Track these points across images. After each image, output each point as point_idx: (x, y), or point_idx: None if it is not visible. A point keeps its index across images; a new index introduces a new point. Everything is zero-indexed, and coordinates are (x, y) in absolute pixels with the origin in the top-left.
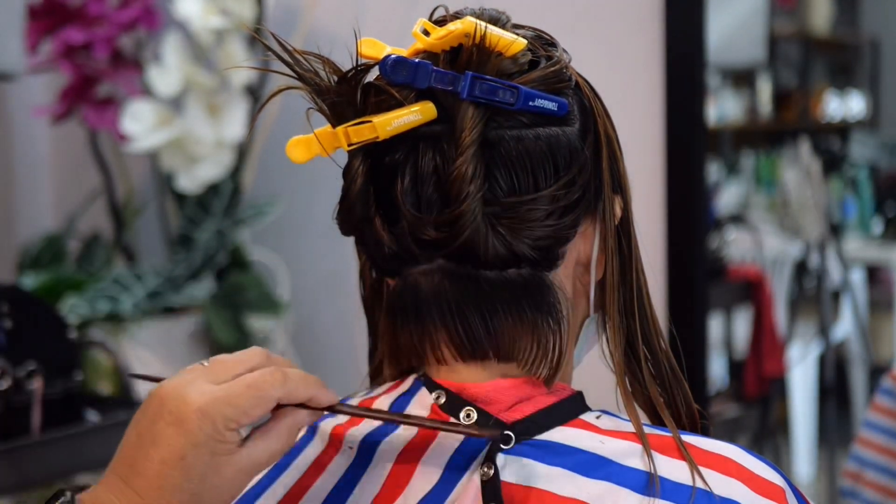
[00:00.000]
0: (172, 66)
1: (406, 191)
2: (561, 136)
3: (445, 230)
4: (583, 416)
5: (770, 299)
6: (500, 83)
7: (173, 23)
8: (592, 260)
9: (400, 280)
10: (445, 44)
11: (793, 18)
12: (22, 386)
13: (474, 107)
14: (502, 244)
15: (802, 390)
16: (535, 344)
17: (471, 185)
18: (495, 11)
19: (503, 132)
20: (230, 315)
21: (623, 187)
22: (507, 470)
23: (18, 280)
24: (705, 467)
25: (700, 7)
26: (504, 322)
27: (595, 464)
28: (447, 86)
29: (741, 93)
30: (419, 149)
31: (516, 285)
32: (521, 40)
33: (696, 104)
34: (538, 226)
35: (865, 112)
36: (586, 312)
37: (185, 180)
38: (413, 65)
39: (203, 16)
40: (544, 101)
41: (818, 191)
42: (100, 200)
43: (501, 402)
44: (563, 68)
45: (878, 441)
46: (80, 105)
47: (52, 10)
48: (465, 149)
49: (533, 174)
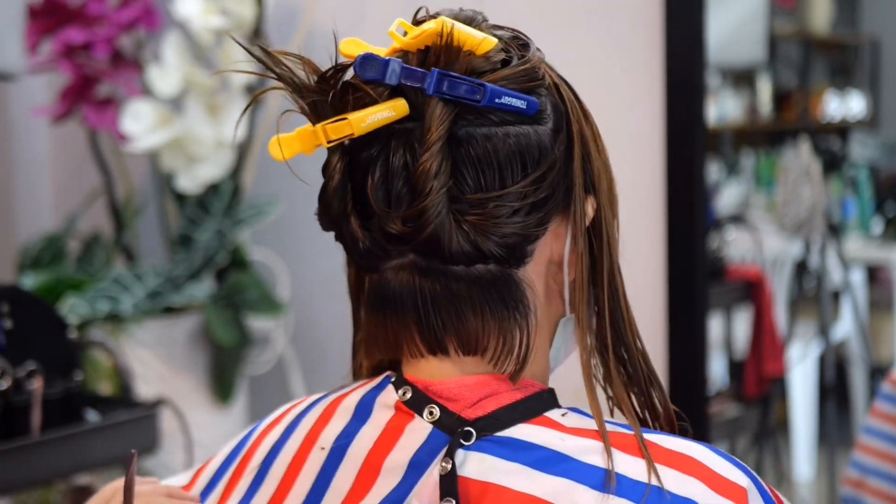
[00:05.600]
0: (172, 66)
1: (377, 185)
2: (531, 135)
3: (411, 224)
4: (548, 413)
5: (770, 299)
6: (466, 80)
7: (173, 23)
8: (565, 259)
9: (377, 275)
10: (419, 43)
11: (793, 18)
12: (22, 386)
13: (443, 104)
14: (466, 240)
15: (802, 390)
16: (501, 340)
17: (434, 180)
18: (472, 11)
19: (473, 129)
20: (230, 315)
21: (597, 188)
22: (466, 465)
23: (18, 280)
24: (666, 466)
25: (700, 7)
26: (471, 317)
27: (553, 460)
28: (416, 83)
29: (741, 93)
30: (391, 145)
31: (483, 281)
32: (490, 39)
33: (696, 104)
34: (504, 223)
35: (865, 112)
36: (562, 311)
37: (185, 180)
38: (383, 62)
39: (203, 16)
40: (512, 98)
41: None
42: (100, 200)
43: (466, 399)
44: (534, 68)
45: (879, 447)
46: (80, 105)
47: (52, 10)
48: (431, 145)
49: (500, 172)
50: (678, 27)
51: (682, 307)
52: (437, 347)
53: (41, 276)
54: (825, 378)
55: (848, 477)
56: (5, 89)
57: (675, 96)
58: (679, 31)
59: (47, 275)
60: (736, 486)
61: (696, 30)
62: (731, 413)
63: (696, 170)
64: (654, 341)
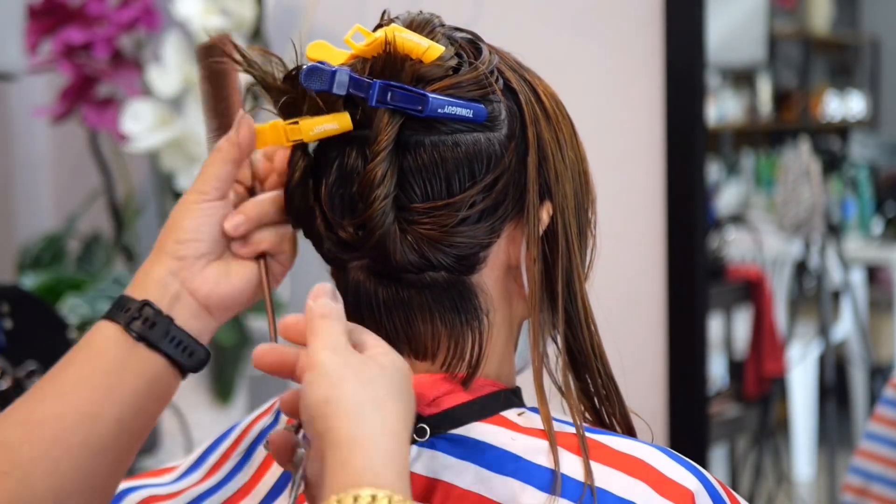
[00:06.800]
0: (172, 66)
1: (331, 189)
2: (482, 142)
3: (359, 231)
4: (504, 412)
5: (770, 299)
6: (408, 90)
7: (173, 23)
8: (522, 265)
9: (343, 273)
10: (372, 51)
11: (793, 18)
12: (22, 386)
13: (389, 113)
14: (412, 250)
15: (802, 390)
16: (452, 345)
17: (378, 188)
18: (429, 14)
19: (421, 138)
20: None
21: (555, 193)
22: (417, 462)
23: (18, 280)
24: (612, 467)
25: (700, 7)
26: (420, 324)
27: (503, 460)
28: (361, 92)
29: (741, 93)
30: (345, 150)
31: (434, 288)
32: (437, 46)
33: (696, 104)
34: (452, 232)
35: (865, 112)
36: (525, 314)
37: (185, 180)
38: (329, 73)
39: (203, 16)
40: (457, 108)
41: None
42: (100, 200)
43: (423, 397)
44: (482, 75)
45: (883, 453)
46: (80, 105)
47: (52, 10)
48: (377, 153)
49: (447, 180)
50: (678, 27)
51: (682, 307)
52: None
53: (41, 276)
54: (825, 378)
55: (849, 483)
56: (5, 89)
57: (675, 96)
58: (679, 31)
59: (47, 275)
60: (682, 488)
61: (696, 30)
62: (731, 413)
63: (696, 170)
64: (654, 341)
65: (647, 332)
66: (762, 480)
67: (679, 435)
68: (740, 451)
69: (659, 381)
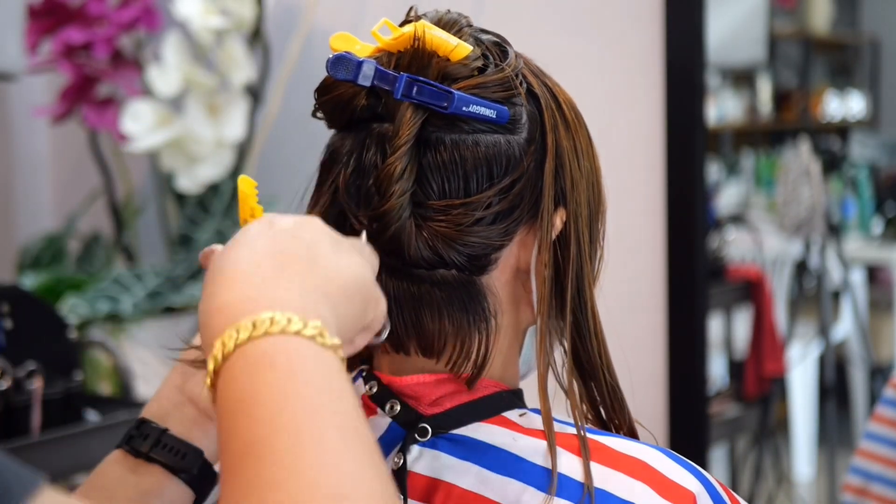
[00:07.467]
0: (172, 66)
1: (349, 180)
2: (502, 144)
3: (375, 224)
4: (506, 412)
5: (770, 299)
6: (434, 86)
7: (173, 23)
8: (532, 270)
9: None
10: (399, 45)
11: (793, 18)
12: (22, 386)
13: (413, 108)
14: (426, 246)
15: (802, 390)
16: (458, 344)
17: (397, 183)
18: (458, 14)
19: (442, 135)
20: None
21: (570, 200)
22: (420, 462)
23: (18, 280)
24: (613, 468)
25: (700, 7)
26: (430, 320)
27: (504, 460)
28: (387, 85)
29: (741, 93)
30: (365, 143)
31: (445, 286)
32: (465, 46)
33: (696, 104)
34: (467, 231)
35: (865, 112)
36: (532, 319)
37: (185, 180)
38: (356, 63)
39: (203, 16)
40: (481, 107)
41: (818, 191)
42: (100, 200)
43: (426, 396)
44: (508, 77)
45: (884, 453)
46: (80, 105)
47: (52, 10)
48: (398, 148)
49: (465, 179)
50: (678, 27)
51: (682, 307)
52: (399, 346)
53: (41, 276)
54: (825, 378)
55: (849, 483)
56: (5, 89)
57: (675, 96)
58: (679, 31)
59: (47, 275)
60: (684, 489)
61: (695, 30)
62: (731, 413)
63: (696, 170)
64: (654, 341)
65: (647, 331)
66: (762, 480)
67: (679, 435)
68: (740, 451)
69: (659, 381)
